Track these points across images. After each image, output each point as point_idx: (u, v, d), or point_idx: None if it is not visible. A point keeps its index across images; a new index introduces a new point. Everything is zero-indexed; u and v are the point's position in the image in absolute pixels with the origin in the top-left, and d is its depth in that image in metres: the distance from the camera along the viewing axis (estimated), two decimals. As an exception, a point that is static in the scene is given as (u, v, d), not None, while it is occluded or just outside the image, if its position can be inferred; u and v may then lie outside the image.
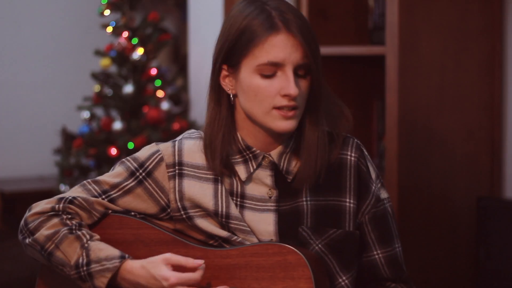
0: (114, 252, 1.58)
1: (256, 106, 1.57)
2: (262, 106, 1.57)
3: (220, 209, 1.63)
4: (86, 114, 4.21)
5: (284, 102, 1.55)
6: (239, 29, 1.58)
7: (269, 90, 1.56)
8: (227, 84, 1.63)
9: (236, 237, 1.63)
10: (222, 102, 1.64)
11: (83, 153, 4.06)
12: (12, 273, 3.38)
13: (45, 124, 5.05)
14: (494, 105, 2.76)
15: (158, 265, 1.55)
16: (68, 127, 4.88)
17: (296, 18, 1.57)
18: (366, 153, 1.70)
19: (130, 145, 3.93)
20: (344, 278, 1.65)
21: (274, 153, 1.64)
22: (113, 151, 3.98)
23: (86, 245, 1.59)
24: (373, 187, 1.68)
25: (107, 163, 4.05)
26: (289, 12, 1.57)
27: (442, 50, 2.63)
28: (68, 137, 4.77)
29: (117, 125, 4.02)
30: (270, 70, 1.56)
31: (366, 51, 2.76)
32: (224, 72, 1.63)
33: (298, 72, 1.57)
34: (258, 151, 1.63)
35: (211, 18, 4.04)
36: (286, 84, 1.55)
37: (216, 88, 1.64)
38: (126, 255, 1.58)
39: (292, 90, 1.54)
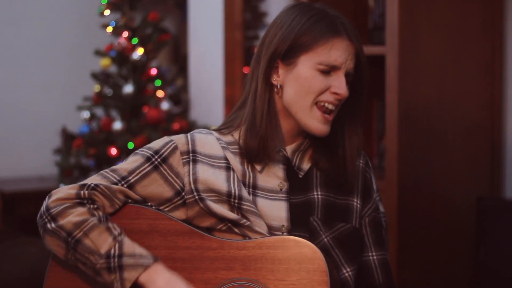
0: (148, 253, 1.62)
1: (301, 98, 1.66)
2: (308, 98, 1.66)
3: (233, 191, 1.67)
4: (86, 114, 4.21)
5: (330, 98, 1.65)
6: (302, 30, 1.67)
7: (323, 84, 1.65)
8: (275, 76, 1.70)
9: (245, 220, 1.66)
10: (271, 95, 1.70)
11: (83, 153, 4.06)
12: (12, 273, 3.38)
13: (45, 124, 5.05)
14: (494, 105, 2.76)
15: (183, 285, 1.60)
16: (68, 127, 4.88)
17: (354, 28, 1.70)
18: (370, 165, 1.80)
19: (130, 145, 3.93)
20: (348, 269, 1.69)
21: (289, 149, 1.72)
22: (113, 151, 3.98)
23: (119, 238, 1.61)
24: (374, 195, 1.78)
25: (107, 163, 4.05)
26: (347, 22, 1.70)
27: (442, 50, 2.63)
28: (68, 137, 4.77)
29: (117, 125, 4.02)
30: (327, 69, 1.66)
31: (366, 51, 2.75)
32: (277, 67, 1.70)
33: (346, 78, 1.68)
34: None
35: (211, 18, 4.04)
36: (339, 84, 1.66)
37: (264, 80, 1.70)
38: (158, 259, 1.62)
39: (344, 90, 1.65)
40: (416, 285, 2.62)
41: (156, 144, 1.73)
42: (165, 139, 1.73)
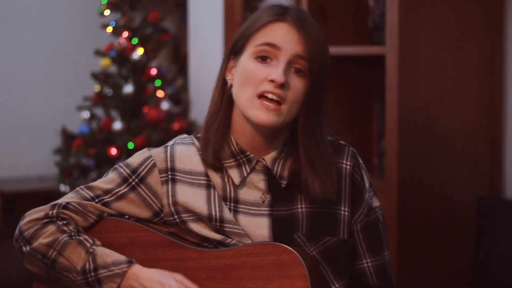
0: (121, 257, 1.59)
1: (243, 91, 1.57)
2: (248, 91, 1.55)
3: (214, 214, 1.62)
4: (86, 114, 4.21)
5: (269, 87, 1.54)
6: (250, 20, 1.62)
7: (258, 74, 1.55)
8: (229, 75, 1.63)
9: (230, 239, 1.62)
10: (225, 95, 1.64)
11: (83, 153, 4.06)
12: (11, 273, 3.38)
13: (45, 124, 5.05)
14: (494, 105, 2.76)
15: (168, 276, 1.57)
16: (68, 127, 4.88)
17: (310, 23, 1.59)
18: (361, 161, 1.70)
19: (130, 145, 3.93)
20: (337, 286, 1.64)
21: (268, 158, 1.63)
22: (113, 151, 3.98)
23: (91, 250, 1.58)
24: (366, 196, 1.68)
25: (107, 163, 4.05)
26: (305, 16, 1.59)
27: (442, 50, 2.63)
28: (68, 137, 4.77)
29: (117, 125, 4.02)
30: (266, 53, 1.56)
31: (366, 51, 2.77)
32: (230, 64, 1.64)
33: (295, 68, 1.56)
34: (252, 155, 1.63)
35: (211, 18, 4.04)
36: (275, 70, 1.54)
37: (221, 81, 1.65)
38: (133, 260, 1.59)
39: (278, 75, 1.53)
40: (416, 285, 2.62)
41: (135, 160, 1.66)
42: (145, 153, 1.67)
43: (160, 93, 4.11)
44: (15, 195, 4.58)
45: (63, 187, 4.16)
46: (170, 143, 1.69)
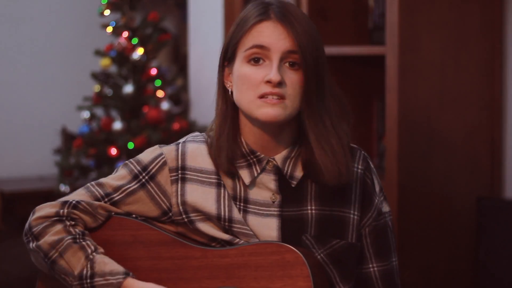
0: (119, 268, 1.59)
1: (243, 96, 1.58)
2: (248, 95, 1.57)
3: (222, 213, 1.63)
4: (86, 114, 4.21)
5: (267, 89, 1.55)
6: (236, 24, 1.62)
7: (254, 78, 1.56)
8: (228, 82, 1.64)
9: (238, 239, 1.62)
10: (228, 102, 1.64)
11: (83, 153, 4.06)
12: (12, 273, 3.38)
13: (45, 124, 5.05)
14: (494, 105, 2.76)
15: None
16: (68, 127, 4.88)
17: (295, 15, 1.58)
18: (372, 165, 1.70)
19: (130, 145, 3.93)
20: None
21: (278, 158, 1.63)
22: (113, 151, 3.98)
23: (91, 256, 1.59)
24: (376, 201, 1.68)
25: (107, 163, 4.05)
26: (288, 8, 1.59)
27: (442, 50, 2.63)
28: (68, 137, 4.77)
29: (117, 125, 4.02)
30: (257, 55, 1.57)
31: (366, 51, 2.77)
32: (226, 71, 1.65)
33: (289, 62, 1.57)
34: (262, 156, 1.63)
35: (211, 18, 4.04)
36: (269, 70, 1.56)
37: (221, 89, 1.65)
38: (130, 273, 1.59)
39: (273, 75, 1.54)
40: (416, 285, 2.62)
41: (146, 157, 1.67)
42: (156, 151, 1.68)
43: (160, 93, 4.11)
44: (15, 195, 4.58)
45: (63, 187, 4.16)
46: (181, 140, 1.70)
